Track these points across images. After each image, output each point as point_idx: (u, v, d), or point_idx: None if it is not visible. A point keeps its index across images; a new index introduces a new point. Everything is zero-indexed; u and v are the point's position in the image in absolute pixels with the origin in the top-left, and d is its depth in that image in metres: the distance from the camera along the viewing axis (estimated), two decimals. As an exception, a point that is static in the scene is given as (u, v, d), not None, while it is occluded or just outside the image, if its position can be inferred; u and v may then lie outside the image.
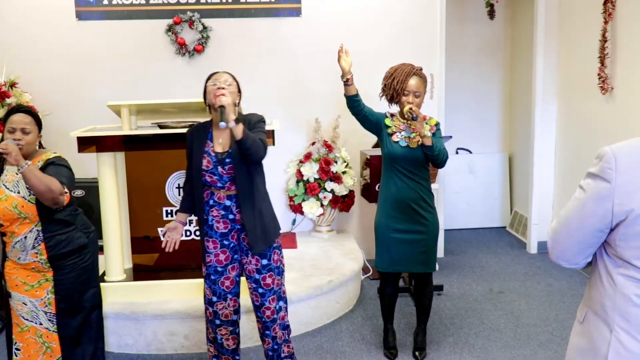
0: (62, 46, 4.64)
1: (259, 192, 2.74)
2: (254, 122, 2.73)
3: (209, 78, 2.74)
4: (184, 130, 3.43)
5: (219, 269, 2.78)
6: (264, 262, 2.75)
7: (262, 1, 4.69)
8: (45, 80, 4.62)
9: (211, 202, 2.72)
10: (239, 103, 2.78)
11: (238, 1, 4.68)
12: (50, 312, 2.59)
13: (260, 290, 2.78)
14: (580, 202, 1.38)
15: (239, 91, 2.77)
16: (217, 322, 2.84)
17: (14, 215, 2.47)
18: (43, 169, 2.52)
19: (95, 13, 4.63)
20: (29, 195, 2.47)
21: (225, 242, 2.76)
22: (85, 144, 3.40)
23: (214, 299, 2.81)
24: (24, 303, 2.58)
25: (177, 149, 3.48)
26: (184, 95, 4.55)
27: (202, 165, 2.68)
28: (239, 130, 2.50)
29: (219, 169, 2.66)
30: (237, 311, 2.88)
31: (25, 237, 2.50)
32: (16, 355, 2.62)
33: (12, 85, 4.42)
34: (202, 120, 3.77)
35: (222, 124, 2.47)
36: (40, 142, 2.68)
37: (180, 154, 3.48)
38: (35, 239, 2.51)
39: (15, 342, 2.62)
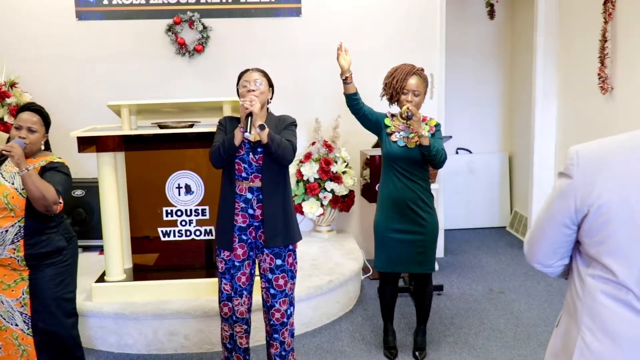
0: (62, 46, 4.64)
1: (285, 188, 2.74)
2: (287, 124, 2.74)
3: (239, 78, 2.74)
4: (184, 130, 3.44)
5: (237, 263, 2.75)
6: (278, 262, 2.74)
7: (262, 1, 4.69)
8: (45, 80, 4.62)
9: None
10: (270, 99, 2.78)
11: (238, 1, 4.68)
12: (26, 314, 2.57)
13: (272, 291, 2.76)
14: (549, 200, 1.42)
15: (271, 86, 2.76)
16: (234, 318, 2.80)
17: (1, 205, 2.48)
18: (44, 170, 2.52)
19: (95, 13, 4.63)
20: (22, 188, 2.47)
21: (244, 237, 2.73)
22: (85, 144, 3.40)
23: (232, 294, 2.77)
24: (1, 302, 2.57)
25: (177, 149, 3.48)
26: (184, 95, 4.58)
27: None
28: (264, 135, 2.53)
29: (250, 155, 2.65)
30: (249, 310, 2.85)
31: (6, 231, 2.50)
32: None
33: (12, 85, 4.43)
34: (202, 120, 3.79)
35: (247, 134, 2.49)
36: (48, 142, 2.68)
37: (181, 153, 3.50)
38: (16, 234, 2.50)
39: None
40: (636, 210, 1.27)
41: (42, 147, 2.64)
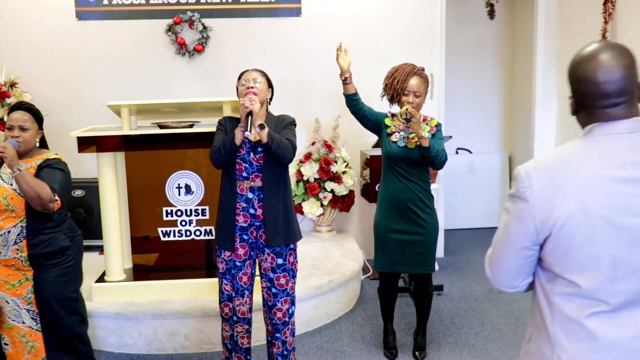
0: (62, 46, 4.64)
1: (286, 188, 2.74)
2: (287, 123, 2.75)
3: (239, 78, 2.76)
4: (184, 130, 3.44)
5: (238, 263, 2.75)
6: (279, 261, 2.74)
7: (262, 1, 4.69)
8: (45, 80, 4.62)
9: None
10: (270, 100, 2.79)
11: (238, 1, 4.68)
12: (33, 311, 2.58)
13: (274, 290, 2.77)
14: (505, 225, 1.40)
15: (270, 86, 2.78)
16: (235, 318, 2.80)
17: (2, 206, 2.48)
18: (40, 168, 2.52)
19: (95, 13, 4.63)
20: None
21: (245, 237, 2.74)
22: (85, 144, 3.40)
23: (233, 294, 2.78)
24: (6, 301, 2.58)
25: (177, 149, 3.48)
26: (184, 95, 4.58)
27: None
28: (264, 135, 2.53)
29: (251, 155, 2.66)
30: (250, 309, 2.85)
31: (9, 232, 2.51)
32: (5, 351, 2.62)
33: (12, 85, 4.43)
34: (202, 120, 3.79)
35: (248, 133, 2.50)
36: (44, 139, 2.68)
37: (181, 153, 3.50)
38: (18, 234, 2.51)
39: (4, 337, 2.64)
40: (596, 223, 1.27)
41: (38, 145, 2.64)
